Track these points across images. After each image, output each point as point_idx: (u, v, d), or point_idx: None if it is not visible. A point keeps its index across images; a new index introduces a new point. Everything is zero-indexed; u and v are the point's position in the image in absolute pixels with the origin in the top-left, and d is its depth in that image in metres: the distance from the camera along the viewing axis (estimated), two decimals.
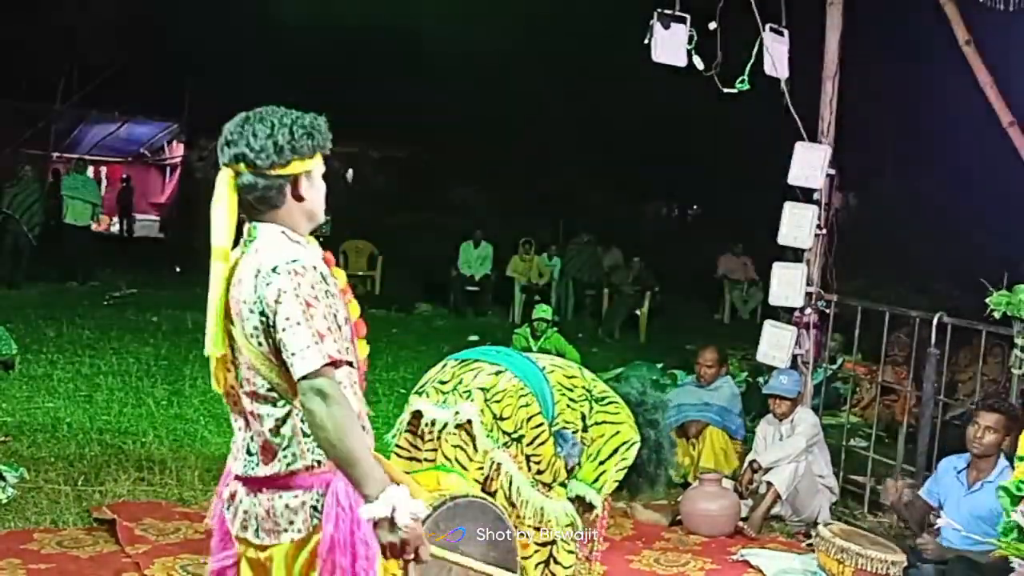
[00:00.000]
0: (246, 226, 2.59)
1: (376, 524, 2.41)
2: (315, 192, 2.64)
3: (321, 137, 2.61)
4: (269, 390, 2.53)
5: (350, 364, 2.51)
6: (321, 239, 2.73)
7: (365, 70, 18.62)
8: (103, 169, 24.82)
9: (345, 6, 16.55)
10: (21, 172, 14.04)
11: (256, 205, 2.57)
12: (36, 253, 13.65)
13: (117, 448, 6.50)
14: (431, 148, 20.95)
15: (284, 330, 2.42)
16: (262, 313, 2.47)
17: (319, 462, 2.53)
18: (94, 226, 15.30)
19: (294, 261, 2.48)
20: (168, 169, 25.80)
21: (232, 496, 2.66)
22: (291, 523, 2.54)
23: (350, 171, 22.85)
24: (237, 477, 2.64)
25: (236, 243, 2.61)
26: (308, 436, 2.52)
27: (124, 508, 5.37)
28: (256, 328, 2.49)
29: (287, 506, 2.55)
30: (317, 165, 2.63)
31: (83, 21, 17.66)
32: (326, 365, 2.40)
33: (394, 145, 21.82)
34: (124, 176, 24.39)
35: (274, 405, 2.54)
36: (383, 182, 22.71)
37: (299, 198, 2.59)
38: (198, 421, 7.31)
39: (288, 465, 2.54)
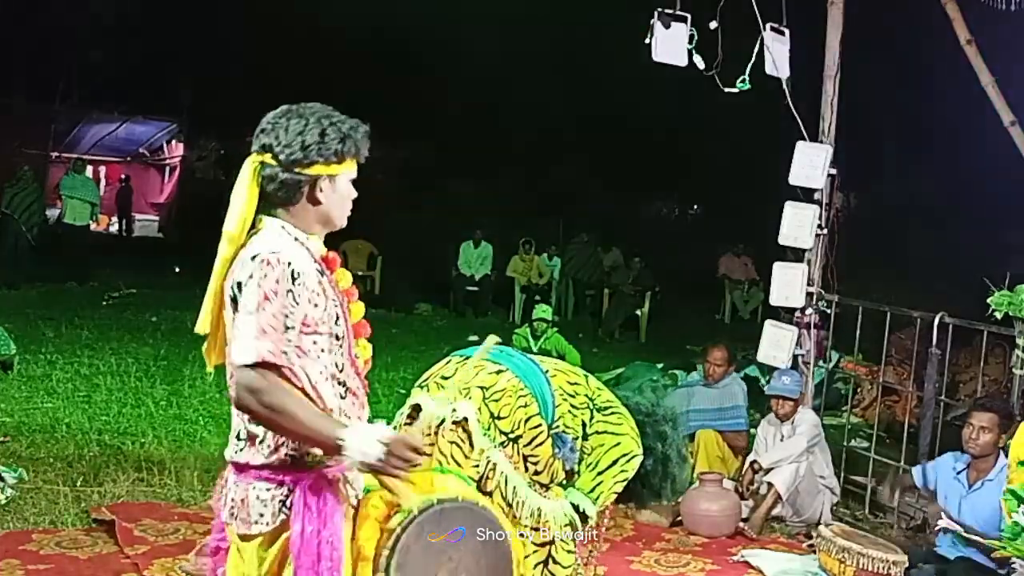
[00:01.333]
0: (257, 216, 2.60)
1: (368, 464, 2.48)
2: (335, 198, 2.63)
3: (354, 144, 2.61)
4: None
5: (278, 368, 2.49)
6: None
7: (365, 69, 18.61)
8: (102, 169, 24.79)
9: (345, 6, 16.56)
10: (20, 172, 14.02)
11: (271, 197, 2.58)
12: (35, 253, 13.63)
13: (116, 449, 6.49)
14: (431, 147, 20.93)
15: (237, 314, 2.48)
16: (233, 298, 2.52)
17: (293, 457, 2.55)
18: (93, 226, 15.28)
19: (273, 252, 2.50)
20: (167, 169, 25.78)
21: (226, 482, 2.69)
22: (260, 515, 2.56)
23: None
24: (228, 461, 2.67)
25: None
26: None
27: (123, 509, 5.37)
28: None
29: (258, 498, 2.56)
30: (344, 171, 2.62)
31: (83, 21, 17.65)
32: (257, 364, 2.44)
33: (394, 145, 21.82)
34: (123, 176, 24.36)
35: None
36: (383, 182, 22.70)
37: (314, 201, 2.60)
38: (197, 421, 7.29)
39: (266, 456, 2.56)
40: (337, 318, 2.62)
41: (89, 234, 14.81)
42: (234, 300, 2.51)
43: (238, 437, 2.62)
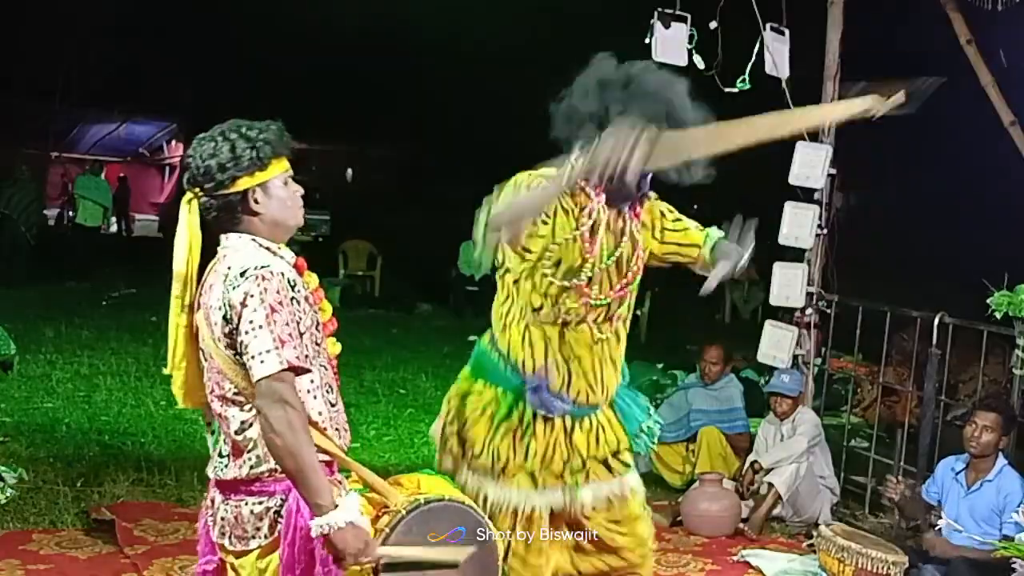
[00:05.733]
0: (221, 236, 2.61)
1: (326, 535, 2.43)
2: (274, 203, 2.59)
3: (271, 148, 2.57)
4: (236, 393, 2.54)
5: (308, 371, 2.51)
6: (320, 239, 2.72)
7: (364, 69, 18.60)
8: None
9: (344, 5, 16.54)
10: (18, 172, 14.02)
11: (217, 224, 2.59)
12: (34, 253, 13.62)
13: (116, 449, 6.50)
14: (431, 147, 20.93)
15: (247, 333, 2.43)
16: (226, 317, 2.48)
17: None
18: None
19: (263, 267, 2.49)
20: (167, 169, 25.79)
21: (212, 502, 2.67)
22: (258, 529, 2.55)
23: (349, 171, 22.83)
24: (213, 481, 2.66)
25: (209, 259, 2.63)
26: None
27: (123, 509, 5.36)
28: (223, 332, 2.50)
29: (252, 512, 2.56)
30: (273, 174, 2.58)
31: (83, 20, 17.64)
32: (285, 371, 2.42)
33: (394, 144, 21.80)
34: (122, 176, 24.37)
35: (241, 408, 2.55)
36: (383, 182, 22.68)
37: (253, 212, 2.57)
38: (197, 422, 7.25)
39: (252, 467, 2.55)
40: (317, 324, 2.62)
41: (100, 236, 14.81)
42: (227, 319, 2.48)
43: (220, 454, 2.62)
